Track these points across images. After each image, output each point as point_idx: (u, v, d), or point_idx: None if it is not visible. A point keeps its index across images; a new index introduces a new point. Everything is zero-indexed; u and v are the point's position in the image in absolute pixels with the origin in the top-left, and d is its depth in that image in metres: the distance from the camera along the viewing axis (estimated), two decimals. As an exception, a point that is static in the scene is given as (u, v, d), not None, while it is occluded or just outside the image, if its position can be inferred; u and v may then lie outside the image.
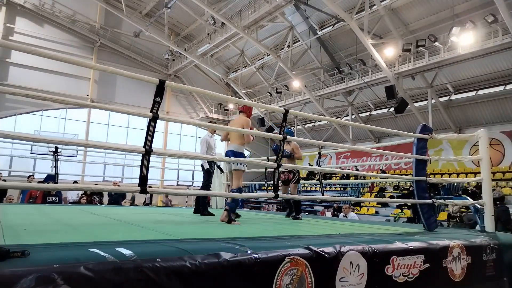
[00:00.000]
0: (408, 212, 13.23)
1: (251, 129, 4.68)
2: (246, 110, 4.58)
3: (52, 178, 7.19)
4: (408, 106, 15.56)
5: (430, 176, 5.77)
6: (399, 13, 14.93)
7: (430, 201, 3.85)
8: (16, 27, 18.47)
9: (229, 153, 4.34)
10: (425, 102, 16.06)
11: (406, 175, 14.70)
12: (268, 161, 5.87)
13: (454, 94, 15.72)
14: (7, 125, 17.81)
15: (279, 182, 5.26)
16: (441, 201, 4.54)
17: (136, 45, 21.46)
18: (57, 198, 8.66)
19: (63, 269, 1.44)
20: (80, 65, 2.68)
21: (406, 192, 14.50)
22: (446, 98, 15.96)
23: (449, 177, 14.40)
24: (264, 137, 24.36)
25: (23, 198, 9.21)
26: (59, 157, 7.17)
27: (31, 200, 8.70)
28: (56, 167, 6.97)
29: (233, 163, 4.26)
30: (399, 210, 13.85)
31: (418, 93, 16.46)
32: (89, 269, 1.48)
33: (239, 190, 4.24)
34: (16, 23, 18.52)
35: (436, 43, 13.10)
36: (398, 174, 16.76)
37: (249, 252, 1.96)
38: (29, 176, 10.24)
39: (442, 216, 11.51)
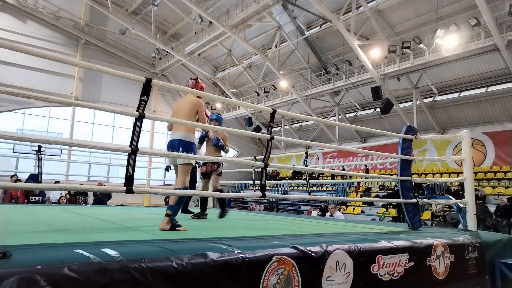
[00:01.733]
0: (393, 212, 13.43)
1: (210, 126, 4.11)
2: (198, 88, 3.88)
3: (35, 177, 7.05)
4: (394, 107, 15.79)
5: (415, 176, 5.86)
6: (385, 14, 15.12)
7: (414, 200, 3.91)
8: (-2, 23, 18.02)
9: (175, 143, 3.48)
10: (410, 103, 16.30)
11: (391, 175, 14.91)
12: (256, 160, 5.86)
13: (438, 95, 16.02)
14: (-12, 123, 17.37)
15: (201, 175, 5.06)
16: (425, 200, 4.62)
17: (122, 43, 21.18)
18: (40, 198, 8.49)
19: (46, 270, 1.41)
20: (65, 63, 2.63)
21: (391, 191, 14.72)
22: (431, 99, 16.24)
23: (433, 177, 14.65)
24: (252, 137, 24.37)
25: (4, 197, 9.00)
26: (42, 156, 7.03)
27: (12, 200, 8.51)
28: (40, 166, 6.84)
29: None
30: (385, 210, 14.05)
31: (403, 94, 16.71)
32: (74, 270, 1.46)
33: (185, 188, 3.45)
34: (-2, 18, 18.07)
35: (421, 45, 13.31)
36: (383, 174, 16.98)
37: (236, 252, 1.96)
38: (12, 176, 10.01)
39: (426, 215, 11.71)
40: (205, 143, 5.09)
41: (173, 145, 3.48)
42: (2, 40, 2.32)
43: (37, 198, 8.34)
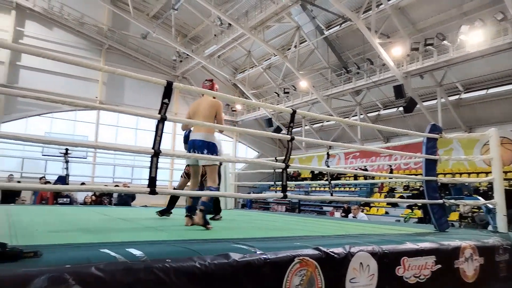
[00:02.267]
0: (419, 213, 13.11)
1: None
2: (214, 89, 3.92)
3: (63, 179, 7.27)
4: (417, 106, 15.43)
5: (441, 176, 5.70)
6: (406, 12, 14.81)
7: (440, 201, 3.81)
8: (26, 30, 18.71)
9: (197, 143, 3.53)
10: (434, 101, 15.90)
11: (416, 175, 14.57)
12: (276, 161, 5.85)
13: (464, 93, 15.55)
14: (18, 127, 18.05)
15: (184, 174, 4.78)
16: (452, 201, 4.49)
17: (144, 47, 21.59)
18: (68, 199, 8.76)
19: (74, 269, 1.46)
20: (89, 68, 2.70)
21: (416, 192, 14.37)
22: (456, 97, 15.78)
23: (460, 176, 14.21)
24: (272, 138, 24.33)
25: (34, 199, 9.34)
26: (69, 158, 7.25)
27: (43, 201, 8.82)
28: (67, 168, 7.05)
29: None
30: (410, 211, 13.74)
31: (427, 92, 16.30)
32: (100, 270, 1.50)
33: (217, 188, 3.65)
34: (26, 26, 18.76)
35: (445, 42, 12.96)
36: (407, 174, 16.62)
37: (258, 252, 1.96)
38: (41, 178, 10.37)
39: (454, 216, 11.37)
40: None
41: (194, 145, 3.53)
42: (30, 47, 2.40)
43: (65, 199, 8.60)
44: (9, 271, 1.37)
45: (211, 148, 3.56)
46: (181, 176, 4.85)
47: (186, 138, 4.53)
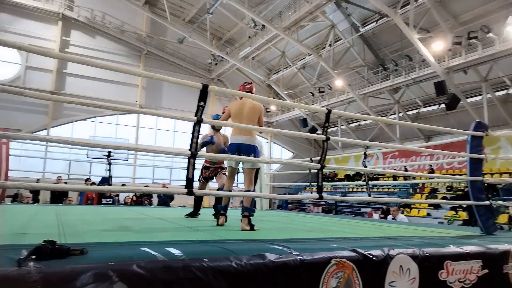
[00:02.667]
0: (464, 215, 12.47)
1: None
2: (252, 91, 3.87)
3: (106, 180, 7.61)
4: (461, 102, 14.71)
5: (487, 176, 5.41)
6: (447, 4, 14.16)
7: (487, 202, 3.61)
8: (71, 39, 19.79)
9: (244, 147, 3.59)
10: (479, 97, 15.08)
11: (460, 175, 13.90)
12: (311, 162, 5.80)
13: (513, 87, 14.63)
14: (65, 131, 19.12)
15: (202, 179, 4.80)
16: (500, 202, 4.25)
17: (180, 51, 22.16)
18: (111, 199, 9.15)
19: (118, 266, 1.52)
20: (129, 73, 2.82)
21: (461, 193, 13.70)
22: (503, 92, 14.88)
23: (509, 176, 13.39)
24: (307, 138, 24.13)
25: (81, 199, 9.84)
26: (112, 160, 7.58)
27: (88, 201, 9.28)
28: (110, 170, 7.37)
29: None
30: (454, 212, 13.10)
31: (471, 88, 15.49)
32: (141, 267, 1.55)
33: (254, 190, 3.74)
34: (71, 35, 19.84)
35: (490, 34, 12.26)
36: (451, 174, 15.89)
37: (294, 253, 1.96)
38: (86, 179, 10.91)
39: (502, 218, 10.72)
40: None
41: (240, 149, 3.58)
42: (75, 55, 2.54)
43: (108, 199, 9.00)
44: (58, 267, 1.45)
45: (256, 151, 3.65)
46: (199, 180, 4.81)
47: (205, 144, 4.56)
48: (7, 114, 17.48)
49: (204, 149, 4.81)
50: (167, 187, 11.60)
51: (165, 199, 10.37)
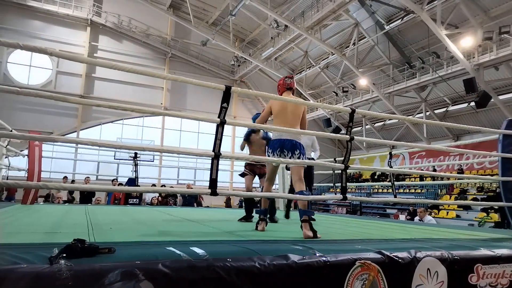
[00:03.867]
0: (496, 216, 12.00)
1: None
2: (294, 85, 3.61)
3: (133, 181, 7.80)
4: (492, 100, 14.15)
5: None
6: (477, -2, 13.68)
7: (520, 204, 3.47)
8: (99, 44, 20.41)
9: (287, 144, 3.32)
10: (511, 94, 14.48)
11: (492, 175, 13.36)
12: (335, 162, 5.74)
13: (548, 83, 13.96)
14: (94, 133, 19.72)
15: (248, 172, 4.57)
16: (535, 204, 4.06)
17: (204, 54, 22.42)
18: (137, 199, 9.37)
19: (144, 265, 1.56)
20: (154, 76, 2.88)
21: (492, 194, 13.18)
22: (538, 88, 14.24)
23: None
24: (331, 139, 23.87)
25: (108, 199, 10.12)
26: (138, 161, 7.76)
27: (116, 201, 9.53)
28: (136, 171, 7.55)
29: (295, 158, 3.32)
30: (485, 214, 12.63)
31: (504, 85, 14.89)
32: (167, 266, 1.59)
33: (301, 192, 3.22)
34: (99, 41, 20.47)
35: (524, 28, 11.76)
36: (481, 175, 15.31)
37: (317, 254, 1.94)
38: (113, 180, 11.21)
39: (537, 221, 10.25)
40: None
41: (283, 146, 3.31)
42: (103, 60, 2.62)
43: (134, 200, 9.21)
44: (87, 265, 1.50)
45: (302, 147, 3.36)
46: (244, 175, 4.65)
47: (248, 135, 4.54)
48: (39, 117, 18.22)
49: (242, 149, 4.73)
50: (191, 188, 11.76)
51: (190, 200, 10.51)
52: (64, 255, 1.53)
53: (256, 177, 4.71)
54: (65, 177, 11.09)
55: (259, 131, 4.52)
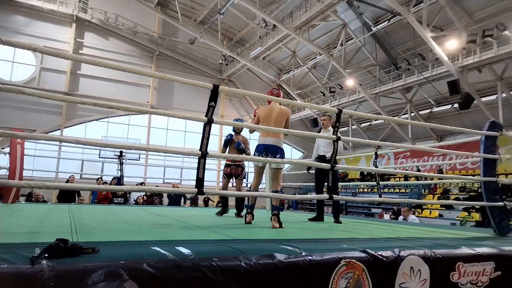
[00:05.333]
0: (477, 216, 12.28)
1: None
2: (280, 95, 4.18)
3: (118, 180, 7.70)
4: (475, 102, 14.46)
5: (501, 177, 5.31)
6: (462, 2, 13.93)
7: (501, 203, 3.55)
8: (85, 41, 20.09)
9: (270, 148, 3.83)
10: (494, 97, 14.81)
11: (474, 175, 13.67)
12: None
13: (529, 86, 14.33)
14: (78, 131, 19.41)
15: (224, 174, 5.24)
16: (515, 203, 4.16)
17: (192, 52, 22.29)
18: (122, 199, 9.25)
19: (128, 265, 1.54)
20: (141, 74, 2.85)
21: (474, 194, 13.48)
22: (519, 91, 14.60)
23: (525, 177, 13.11)
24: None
25: (93, 199, 9.98)
26: (123, 160, 7.67)
27: (100, 201, 9.39)
28: (121, 170, 7.46)
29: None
30: (466, 213, 12.90)
31: (486, 87, 15.23)
32: (152, 266, 1.57)
33: (281, 191, 3.96)
34: (85, 37, 20.14)
35: (506, 32, 12.03)
36: (464, 175, 15.64)
37: (303, 254, 1.95)
38: (97, 179, 11.05)
39: (517, 220, 10.52)
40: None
41: (267, 150, 3.82)
42: (89, 56, 2.58)
43: (119, 199, 9.10)
44: (70, 265, 1.48)
45: (282, 152, 3.90)
46: (223, 177, 5.29)
47: (226, 143, 5.15)
48: (22, 114, 17.84)
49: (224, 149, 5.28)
50: (177, 187, 11.68)
51: (176, 199, 10.44)
52: (46, 255, 1.50)
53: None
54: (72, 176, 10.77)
55: (234, 140, 5.14)
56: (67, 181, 9.80)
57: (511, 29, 12.14)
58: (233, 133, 5.24)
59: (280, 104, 4.08)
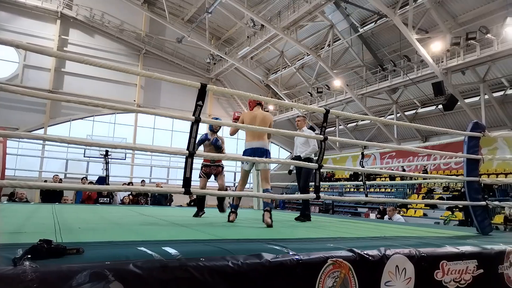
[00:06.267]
0: (460, 215, 12.53)
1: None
2: (262, 103, 4.40)
3: (103, 180, 7.60)
4: (458, 103, 14.75)
5: (484, 177, 5.43)
6: (446, 5, 14.20)
7: (483, 203, 3.63)
8: (70, 38, 19.75)
9: (258, 151, 4.02)
10: (477, 98, 15.14)
11: (457, 175, 13.94)
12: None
13: (510, 88, 14.68)
14: (62, 130, 19.06)
15: (202, 174, 5.08)
16: (496, 203, 4.26)
17: (179, 51, 22.14)
18: (108, 198, 9.13)
19: (114, 266, 1.52)
20: (128, 72, 2.81)
21: (457, 193, 13.75)
22: (501, 93, 14.94)
23: (506, 177, 13.44)
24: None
25: (77, 199, 9.81)
26: (109, 159, 7.57)
27: (85, 201, 9.25)
28: (107, 169, 7.36)
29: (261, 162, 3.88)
30: (450, 213, 13.16)
31: (469, 89, 15.55)
32: (138, 267, 1.55)
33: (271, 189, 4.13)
34: (70, 34, 19.81)
35: (489, 35, 12.31)
36: (448, 175, 15.94)
37: (290, 253, 1.96)
38: (82, 178, 10.88)
39: (498, 219, 10.80)
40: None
41: (255, 153, 3.97)
42: (74, 54, 2.54)
43: (105, 199, 8.98)
44: (54, 266, 1.45)
45: (269, 154, 4.09)
46: (200, 176, 5.07)
47: (201, 142, 5.03)
48: (4, 112, 17.44)
49: (201, 148, 5.09)
50: (161, 187, 11.58)
51: (160, 199, 10.34)
52: (29, 256, 1.46)
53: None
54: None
55: (209, 141, 5.07)
56: (46, 181, 9.61)
57: (493, 32, 12.42)
58: (208, 131, 5.13)
59: (262, 109, 4.27)
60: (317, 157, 3.22)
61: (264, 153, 4.02)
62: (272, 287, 1.84)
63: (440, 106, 15.69)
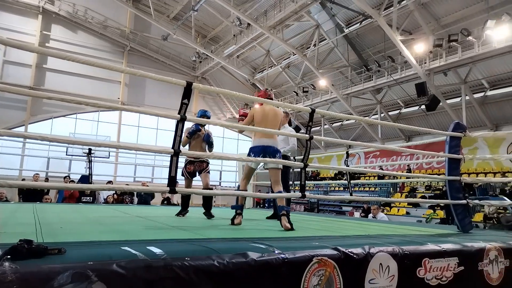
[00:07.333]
0: (441, 213, 12.80)
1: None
2: (272, 97, 4.18)
3: (86, 178, 7.47)
4: (440, 104, 15.06)
5: (464, 176, 5.55)
6: (430, 7, 14.47)
7: (464, 201, 3.71)
8: (52, 34, 19.31)
9: (270, 149, 3.74)
10: (458, 99, 15.48)
11: (439, 174, 14.23)
12: (295, 161, 5.83)
13: (490, 90, 15.06)
14: (44, 128, 18.64)
15: (186, 174, 4.88)
16: (476, 201, 4.37)
17: (165, 48, 21.91)
18: (91, 198, 8.98)
19: (97, 266, 1.49)
20: (111, 69, 2.77)
21: (439, 192, 14.03)
22: (481, 94, 15.32)
23: (485, 176, 13.79)
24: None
25: (59, 198, 9.62)
26: (92, 158, 7.44)
27: (67, 200, 9.07)
28: (90, 168, 7.23)
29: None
30: (432, 211, 13.43)
31: (451, 90, 15.89)
32: (122, 267, 1.53)
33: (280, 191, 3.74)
34: (52, 30, 19.36)
35: (470, 37, 12.60)
36: (430, 174, 16.25)
37: (276, 252, 1.96)
38: (65, 177, 10.67)
39: (478, 217, 11.06)
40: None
41: (266, 151, 3.72)
42: (56, 50, 2.48)
43: (88, 198, 8.83)
44: (35, 267, 1.42)
45: (280, 154, 3.84)
46: (182, 175, 4.84)
47: (193, 133, 4.79)
48: (-17, 109, 16.94)
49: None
50: (147, 186, 11.45)
51: (146, 198, 10.24)
52: (9, 256, 1.43)
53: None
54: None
55: (200, 131, 4.84)
56: (24, 179, 9.40)
57: (474, 34, 12.71)
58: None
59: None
60: (302, 156, 3.23)
61: (276, 151, 3.76)
62: (258, 286, 1.84)
63: (423, 107, 15.98)
